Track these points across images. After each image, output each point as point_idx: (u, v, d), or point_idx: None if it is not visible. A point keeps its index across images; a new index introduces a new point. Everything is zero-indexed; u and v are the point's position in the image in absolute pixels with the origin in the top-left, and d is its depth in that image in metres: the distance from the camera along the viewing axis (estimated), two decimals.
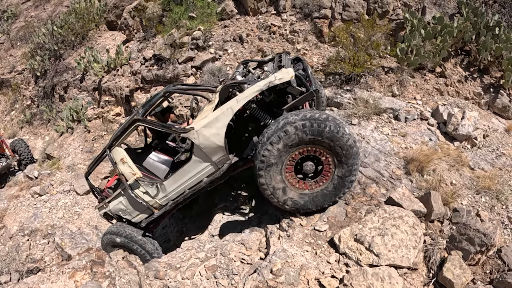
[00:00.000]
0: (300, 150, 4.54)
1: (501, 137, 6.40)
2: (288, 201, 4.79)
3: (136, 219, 6.09)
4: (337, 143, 4.40)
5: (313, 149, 4.53)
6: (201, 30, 9.51)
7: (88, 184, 6.56)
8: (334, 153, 4.51)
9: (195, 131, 4.93)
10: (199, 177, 5.37)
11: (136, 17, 11.61)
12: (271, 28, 9.15)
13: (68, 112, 11.24)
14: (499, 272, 4.10)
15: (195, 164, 5.26)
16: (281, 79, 4.61)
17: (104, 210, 6.34)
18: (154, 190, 5.63)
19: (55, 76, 12.90)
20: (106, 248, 6.31)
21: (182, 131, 5.09)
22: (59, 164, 10.45)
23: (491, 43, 7.12)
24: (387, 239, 4.22)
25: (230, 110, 4.76)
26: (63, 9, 15.15)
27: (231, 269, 4.60)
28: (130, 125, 5.59)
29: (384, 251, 4.15)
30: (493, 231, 4.11)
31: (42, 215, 8.88)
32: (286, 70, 4.74)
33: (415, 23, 7.67)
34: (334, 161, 4.58)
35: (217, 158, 5.12)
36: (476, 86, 7.31)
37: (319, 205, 4.85)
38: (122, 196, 5.94)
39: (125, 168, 5.63)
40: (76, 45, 13.49)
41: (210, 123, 4.86)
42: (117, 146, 5.73)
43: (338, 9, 8.74)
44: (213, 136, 4.89)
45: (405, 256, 4.14)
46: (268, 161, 4.55)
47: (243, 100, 4.72)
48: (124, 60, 10.81)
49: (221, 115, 4.81)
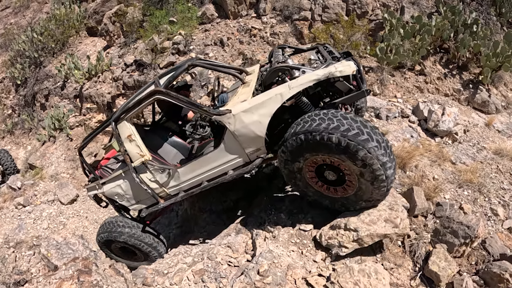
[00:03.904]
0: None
1: (482, 132, 6.52)
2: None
3: (134, 207, 5.42)
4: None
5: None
6: (182, 35, 9.49)
7: (81, 159, 5.79)
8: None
9: (232, 115, 4.28)
10: (223, 169, 4.72)
11: (117, 23, 11.54)
12: (251, 31, 9.18)
13: (50, 121, 11.08)
14: (484, 262, 4.16)
15: (223, 153, 4.60)
16: (341, 71, 4.10)
17: (96, 192, 5.58)
18: (164, 177, 4.94)
19: (36, 84, 12.73)
20: (102, 247, 5.92)
21: (215, 112, 4.40)
22: (42, 174, 10.27)
23: (469, 40, 7.25)
24: (363, 217, 4.29)
25: (280, 96, 4.14)
26: (43, 16, 14.95)
27: (219, 272, 4.57)
28: (149, 97, 4.69)
29: (362, 225, 4.20)
30: (476, 223, 4.17)
31: (27, 226, 8.71)
32: (348, 63, 4.20)
33: (394, 23, 7.77)
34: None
35: (251, 150, 4.48)
36: (455, 82, 7.43)
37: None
38: (122, 179, 5.21)
39: (132, 147, 4.88)
40: (56, 52, 13.32)
41: (252, 108, 4.22)
42: (125, 120, 4.92)
43: (317, 11, 8.82)
44: (254, 124, 4.25)
45: (386, 226, 4.18)
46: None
47: (296, 87, 4.13)
48: (105, 66, 10.72)
49: (268, 101, 4.17)
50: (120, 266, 5.46)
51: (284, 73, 4.44)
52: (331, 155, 3.92)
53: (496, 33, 8.20)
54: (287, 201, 5.38)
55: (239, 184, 6.55)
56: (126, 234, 5.50)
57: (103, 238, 5.72)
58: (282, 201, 5.41)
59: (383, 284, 3.81)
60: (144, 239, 5.54)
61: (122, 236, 5.50)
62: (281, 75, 4.45)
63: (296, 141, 4.00)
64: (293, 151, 4.11)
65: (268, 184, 6.22)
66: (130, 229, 5.54)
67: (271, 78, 4.49)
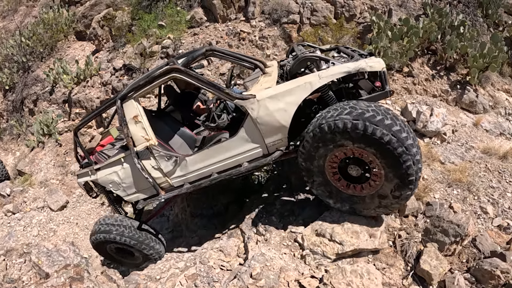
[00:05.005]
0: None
1: (470, 131, 6.60)
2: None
3: (130, 197, 4.98)
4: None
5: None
6: (171, 39, 9.48)
7: (75, 141, 5.30)
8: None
9: (256, 101, 4.04)
10: (238, 160, 4.41)
11: (105, 27, 11.49)
12: (240, 34, 9.20)
13: (39, 126, 10.95)
14: (475, 260, 4.20)
15: (240, 142, 4.29)
16: (371, 67, 4.02)
17: (88, 179, 5.12)
18: (170, 166, 4.56)
19: (24, 89, 12.58)
20: (97, 248, 5.56)
21: (238, 96, 4.14)
22: (32, 180, 10.15)
23: (456, 41, 7.33)
24: (346, 227, 4.32)
25: (309, 85, 3.95)
26: (31, 20, 14.78)
27: (211, 277, 4.56)
28: (164, 74, 4.34)
29: (347, 238, 4.25)
30: (466, 222, 4.22)
31: (17, 233, 8.61)
32: (378, 59, 4.13)
33: (382, 26, 7.84)
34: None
35: (272, 141, 4.23)
36: (443, 83, 7.51)
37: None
38: (120, 164, 4.79)
39: (137, 130, 4.48)
40: (45, 57, 13.19)
41: (278, 95, 4.00)
42: (133, 99, 4.52)
43: (306, 14, 8.86)
44: (279, 111, 4.02)
45: (368, 240, 4.24)
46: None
47: (327, 77, 3.96)
48: (94, 70, 10.65)
49: (296, 89, 3.97)
50: (112, 273, 5.41)
51: (312, 63, 4.25)
52: (361, 146, 3.75)
53: (483, 34, 8.31)
54: (278, 204, 5.38)
55: (229, 188, 6.55)
56: (127, 235, 5.15)
57: (100, 239, 5.33)
58: (273, 204, 5.42)
59: (376, 284, 3.83)
60: (145, 240, 5.23)
61: (123, 238, 5.15)
62: (310, 65, 4.26)
63: (325, 129, 3.78)
64: (319, 140, 3.88)
65: (259, 187, 6.23)
66: (130, 230, 5.19)
67: (299, 67, 4.29)
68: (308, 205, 5.12)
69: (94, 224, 5.46)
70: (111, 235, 5.18)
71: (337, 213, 4.55)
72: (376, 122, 3.64)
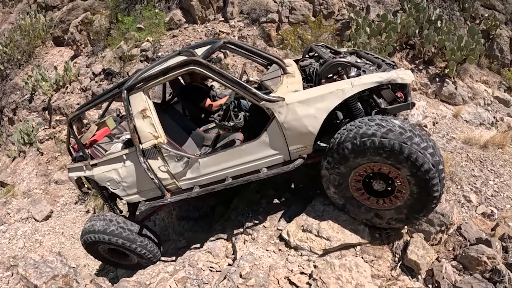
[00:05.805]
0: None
1: (450, 123, 6.71)
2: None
3: (130, 198, 4.63)
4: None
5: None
6: (150, 41, 9.41)
7: (69, 132, 4.82)
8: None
9: (285, 104, 3.82)
10: (257, 165, 4.17)
11: (83, 31, 11.36)
12: (219, 35, 9.20)
13: (19, 135, 10.73)
14: (461, 248, 4.25)
15: (261, 147, 4.05)
16: (402, 79, 3.90)
17: (81, 174, 4.67)
18: (179, 167, 4.23)
19: (3, 98, 12.36)
20: (89, 248, 5.15)
21: (266, 98, 3.86)
22: (14, 191, 9.94)
23: (434, 35, 7.46)
24: (331, 222, 4.38)
25: (341, 92, 3.78)
26: (8, 27, 14.50)
27: (201, 279, 4.53)
28: (182, 66, 3.94)
29: (333, 234, 4.29)
30: (451, 211, 4.28)
31: (2, 246, 8.42)
32: (407, 71, 4.03)
33: (360, 22, 7.93)
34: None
35: (296, 148, 4.02)
36: (422, 77, 7.63)
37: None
38: (122, 162, 4.38)
39: (144, 125, 4.11)
40: (22, 64, 12.93)
41: (309, 100, 3.80)
42: (141, 91, 4.10)
43: (285, 13, 8.91)
44: (308, 117, 3.82)
45: (353, 235, 4.32)
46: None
47: (359, 86, 3.80)
48: (73, 76, 10.50)
49: (328, 95, 3.77)
50: (101, 281, 5.33)
51: (343, 69, 4.10)
52: (396, 166, 3.69)
53: (460, 27, 8.48)
54: (263, 203, 5.38)
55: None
56: (125, 237, 4.77)
57: (92, 239, 4.89)
58: (259, 203, 5.41)
59: (365, 276, 3.86)
60: (142, 242, 4.91)
61: (121, 240, 4.76)
62: (340, 71, 4.10)
63: (367, 144, 3.65)
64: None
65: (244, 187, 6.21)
66: (129, 231, 4.83)
67: (329, 72, 4.10)
68: (293, 203, 5.13)
69: (86, 221, 5.07)
70: (107, 236, 4.76)
71: (321, 206, 4.60)
72: (421, 150, 3.57)
